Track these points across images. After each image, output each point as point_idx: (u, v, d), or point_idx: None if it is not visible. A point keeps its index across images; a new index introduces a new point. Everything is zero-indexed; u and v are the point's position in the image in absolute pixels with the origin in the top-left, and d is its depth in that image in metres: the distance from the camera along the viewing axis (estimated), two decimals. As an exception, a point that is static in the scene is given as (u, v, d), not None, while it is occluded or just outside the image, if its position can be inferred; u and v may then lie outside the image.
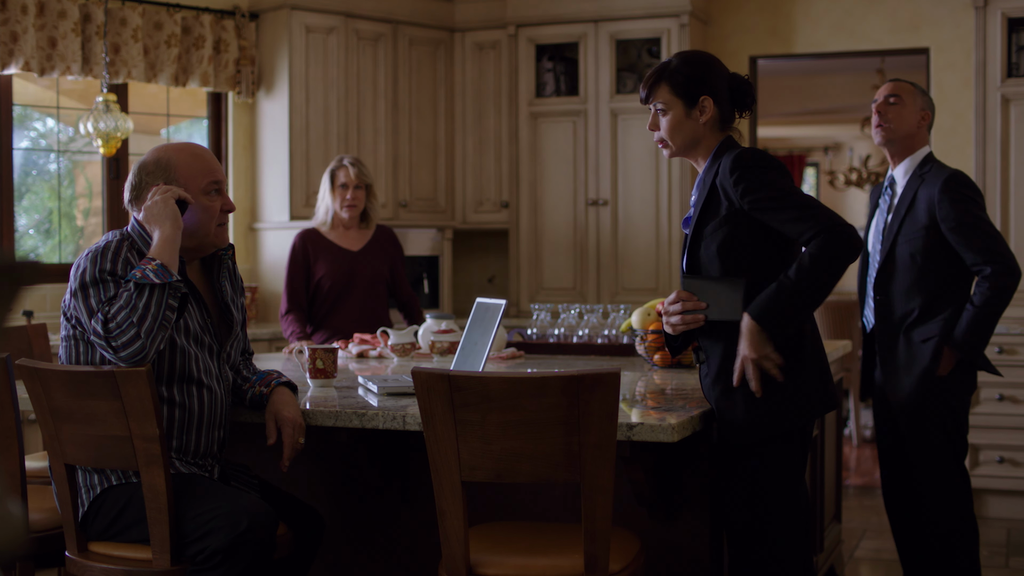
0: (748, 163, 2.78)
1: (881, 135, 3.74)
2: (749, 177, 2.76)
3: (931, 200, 3.58)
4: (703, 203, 2.86)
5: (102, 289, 2.72)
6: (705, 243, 2.85)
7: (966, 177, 3.63)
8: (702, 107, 2.87)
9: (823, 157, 13.37)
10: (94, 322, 2.67)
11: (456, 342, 4.10)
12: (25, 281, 1.11)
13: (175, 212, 2.77)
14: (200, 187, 2.86)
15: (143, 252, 2.80)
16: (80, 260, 2.78)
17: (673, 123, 2.89)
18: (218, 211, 2.88)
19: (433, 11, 6.57)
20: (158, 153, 2.88)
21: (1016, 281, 3.54)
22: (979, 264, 3.53)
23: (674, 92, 2.88)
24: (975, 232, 3.52)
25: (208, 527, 2.61)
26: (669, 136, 2.91)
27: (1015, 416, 5.44)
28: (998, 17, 5.52)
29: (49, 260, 5.70)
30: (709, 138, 2.90)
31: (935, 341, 3.57)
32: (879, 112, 3.73)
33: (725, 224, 2.81)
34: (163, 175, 2.84)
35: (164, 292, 2.66)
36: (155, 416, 2.62)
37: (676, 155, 2.95)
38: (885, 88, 3.77)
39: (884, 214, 3.74)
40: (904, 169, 3.73)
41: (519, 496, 3.22)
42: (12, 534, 1.11)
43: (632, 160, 6.31)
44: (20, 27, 5.19)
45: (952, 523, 3.60)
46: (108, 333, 2.63)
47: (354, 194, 4.76)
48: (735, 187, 2.77)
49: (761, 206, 2.75)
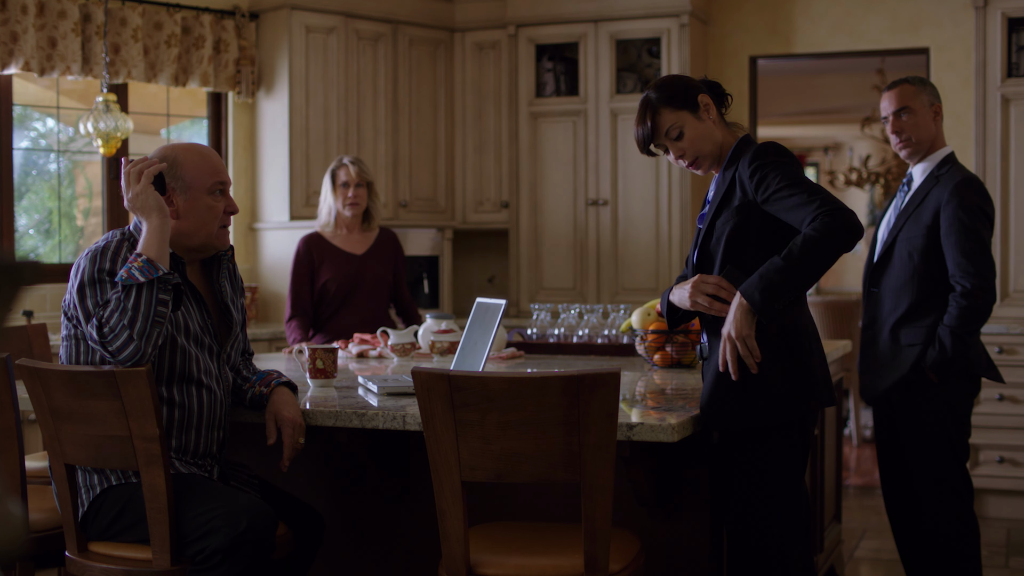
0: (766, 155, 2.78)
1: (907, 152, 3.70)
2: (765, 167, 2.77)
3: (940, 202, 3.57)
4: (721, 197, 2.86)
5: (99, 290, 2.71)
6: (716, 235, 2.85)
7: (979, 183, 3.62)
8: (704, 105, 2.88)
9: (823, 157, 13.37)
10: (90, 327, 2.67)
11: (456, 342, 4.10)
12: (25, 281, 1.11)
13: (159, 201, 2.76)
14: (205, 187, 2.86)
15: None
16: (80, 260, 2.78)
17: (692, 135, 2.87)
18: (221, 212, 2.89)
19: (433, 11, 6.57)
20: (164, 152, 2.88)
21: (987, 304, 3.51)
22: (957, 277, 3.52)
23: (676, 108, 2.87)
24: (967, 243, 3.51)
25: (208, 527, 2.61)
26: (697, 149, 2.88)
27: (1015, 416, 5.44)
28: (998, 17, 5.52)
29: (49, 260, 5.70)
30: (726, 136, 2.91)
31: (919, 349, 3.57)
32: (896, 131, 3.69)
33: (736, 215, 2.81)
34: (169, 173, 2.84)
35: (152, 289, 2.65)
36: (155, 416, 2.62)
37: (711, 167, 2.91)
38: (890, 100, 3.71)
39: (896, 209, 3.74)
40: (923, 168, 3.72)
41: (519, 496, 3.22)
42: (12, 534, 1.11)
43: (632, 160, 6.30)
44: (20, 27, 5.19)
45: (952, 526, 3.60)
46: (103, 338, 2.64)
47: (356, 192, 4.76)
48: (751, 178, 2.77)
49: (771, 195, 2.75)
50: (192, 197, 2.85)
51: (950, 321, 3.51)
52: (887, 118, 3.72)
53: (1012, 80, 5.53)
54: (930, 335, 3.55)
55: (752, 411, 2.80)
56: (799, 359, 2.83)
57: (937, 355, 3.52)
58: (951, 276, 3.54)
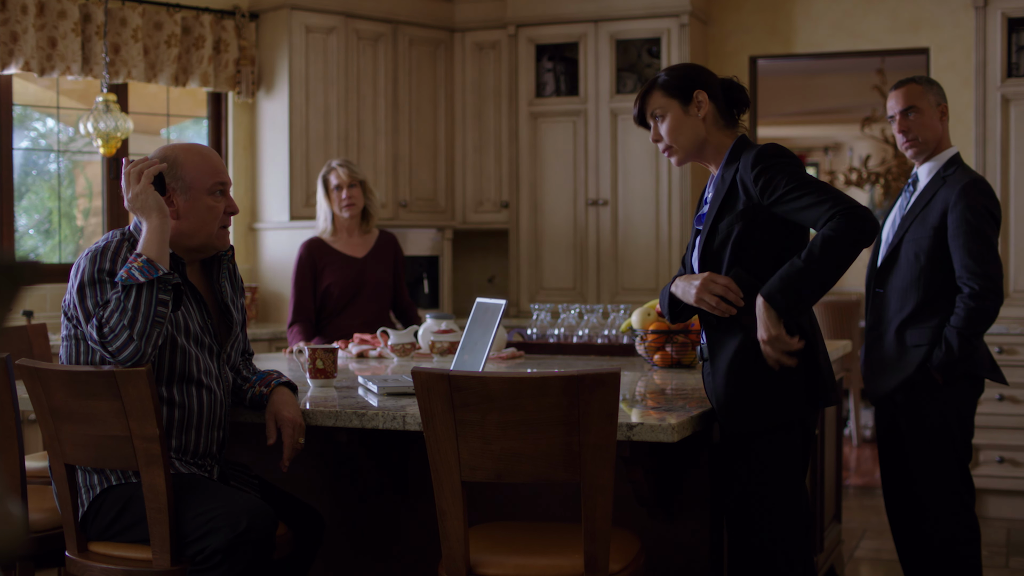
0: (770, 157, 2.77)
1: (913, 151, 3.69)
2: (771, 170, 2.75)
3: (947, 203, 3.57)
4: (721, 199, 2.85)
5: (99, 290, 2.71)
6: (719, 238, 2.84)
7: (987, 185, 3.61)
8: (698, 102, 2.87)
9: (823, 157, 13.37)
10: (90, 327, 2.67)
11: (456, 342, 4.10)
12: (25, 281, 1.11)
13: (159, 201, 2.76)
14: (206, 187, 2.86)
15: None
16: (80, 260, 2.78)
17: (673, 124, 2.89)
18: (221, 212, 2.88)
19: (433, 11, 6.57)
20: (164, 152, 2.88)
21: (995, 305, 3.52)
22: (965, 278, 3.52)
23: (667, 94, 2.89)
24: (974, 245, 3.51)
25: (208, 527, 2.61)
26: (672, 139, 2.90)
27: (1015, 416, 5.44)
28: (998, 17, 5.52)
29: (49, 260, 5.70)
30: (716, 136, 2.90)
31: (925, 350, 3.56)
32: (902, 131, 3.69)
33: (740, 219, 2.80)
34: (169, 173, 2.84)
35: (152, 289, 2.65)
36: (155, 416, 2.62)
37: (684, 160, 2.92)
38: (897, 99, 3.70)
39: (901, 210, 3.74)
40: (928, 169, 3.71)
41: (519, 496, 3.22)
42: (12, 534, 1.11)
43: (632, 160, 6.31)
44: (20, 27, 5.19)
45: (952, 527, 3.59)
46: (103, 338, 2.63)
47: (349, 193, 4.75)
48: (755, 181, 2.76)
49: (780, 197, 2.74)
50: (192, 197, 2.85)
51: (957, 322, 3.50)
52: (893, 117, 3.72)
53: (1012, 80, 5.53)
54: (936, 336, 3.55)
55: (771, 409, 2.80)
56: (808, 357, 2.84)
57: (944, 356, 3.51)
58: (958, 278, 3.53)
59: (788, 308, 2.72)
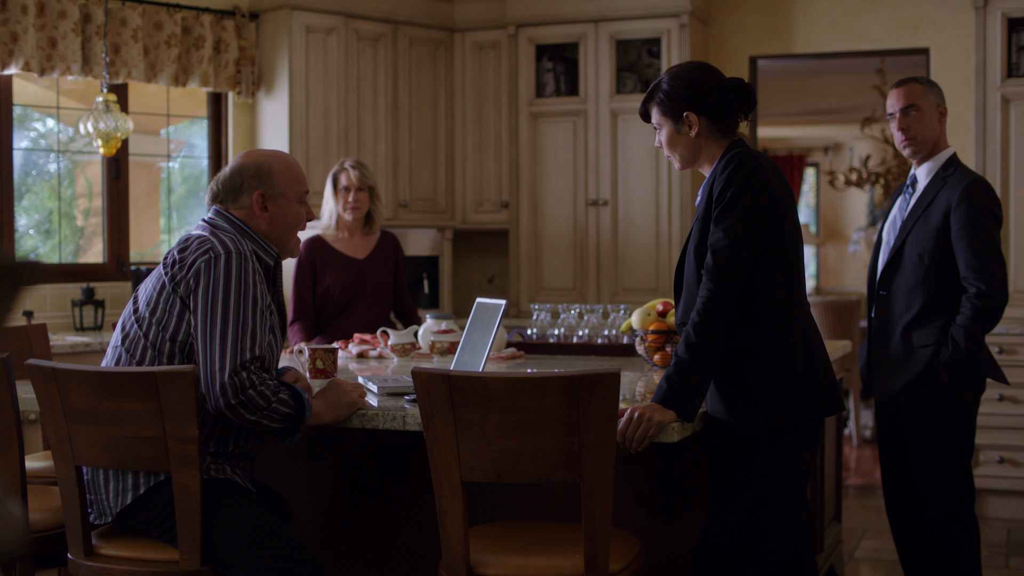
0: (729, 172, 2.80)
1: (911, 150, 3.69)
2: (721, 186, 2.80)
3: (949, 204, 3.57)
4: (703, 206, 2.87)
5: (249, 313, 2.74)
6: (690, 242, 2.89)
7: (988, 185, 3.61)
8: (688, 122, 2.90)
9: (823, 157, 13.37)
10: (228, 362, 2.66)
11: (456, 342, 4.10)
12: (25, 281, 1.11)
13: (349, 411, 2.84)
14: (296, 194, 2.92)
15: (257, 242, 2.86)
16: (208, 266, 2.74)
17: (667, 140, 2.97)
18: (304, 219, 2.94)
19: (433, 11, 6.57)
20: (256, 158, 2.92)
21: (1001, 305, 3.52)
22: (970, 279, 3.52)
23: (661, 113, 2.96)
24: (978, 245, 3.51)
25: (255, 564, 2.63)
26: (668, 151, 2.99)
27: (1015, 416, 5.44)
28: (998, 17, 5.53)
29: (49, 260, 5.70)
30: (710, 147, 2.93)
31: (932, 349, 3.56)
32: (902, 128, 3.69)
33: (703, 226, 2.84)
34: (264, 179, 2.89)
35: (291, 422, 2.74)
36: (196, 417, 2.61)
37: (684, 167, 3.00)
38: (898, 97, 3.70)
39: (902, 211, 3.74)
40: (927, 170, 3.71)
41: (519, 496, 3.22)
42: (12, 534, 1.11)
43: (632, 160, 6.31)
44: (20, 27, 5.19)
45: (952, 527, 3.59)
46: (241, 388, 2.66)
47: (356, 196, 4.75)
48: (717, 202, 2.81)
49: (715, 216, 2.79)
50: (283, 205, 2.90)
51: (963, 321, 3.51)
52: (893, 114, 3.72)
53: (1012, 80, 5.53)
54: (942, 336, 3.55)
55: (769, 413, 2.78)
56: (798, 364, 2.80)
57: (951, 354, 3.51)
58: (963, 278, 3.54)
59: (682, 410, 2.69)
